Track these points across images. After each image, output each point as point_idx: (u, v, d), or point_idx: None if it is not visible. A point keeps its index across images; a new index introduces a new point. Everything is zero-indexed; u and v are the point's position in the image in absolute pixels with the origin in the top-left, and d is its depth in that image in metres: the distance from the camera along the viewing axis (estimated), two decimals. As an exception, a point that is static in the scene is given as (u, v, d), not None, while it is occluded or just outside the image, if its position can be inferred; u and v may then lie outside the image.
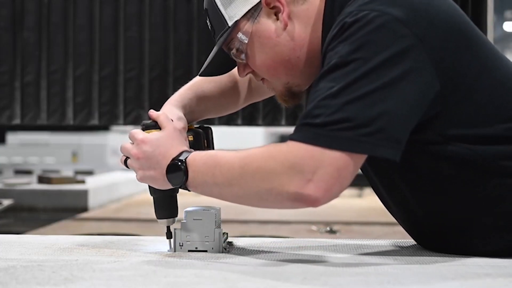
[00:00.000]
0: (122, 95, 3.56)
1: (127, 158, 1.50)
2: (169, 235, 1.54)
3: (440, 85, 1.32)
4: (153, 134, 1.48)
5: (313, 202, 1.29)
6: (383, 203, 1.60)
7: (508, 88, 1.39)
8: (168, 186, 1.45)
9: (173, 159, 1.42)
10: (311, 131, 1.28)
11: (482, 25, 3.35)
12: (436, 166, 1.39)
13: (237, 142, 5.27)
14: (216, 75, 1.63)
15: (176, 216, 1.55)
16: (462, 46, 1.36)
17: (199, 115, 1.61)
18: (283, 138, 10.35)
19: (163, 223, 1.55)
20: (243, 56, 1.48)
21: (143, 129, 1.50)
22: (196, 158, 1.41)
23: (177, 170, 1.41)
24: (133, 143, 1.48)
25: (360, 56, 1.28)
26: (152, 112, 1.53)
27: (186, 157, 1.41)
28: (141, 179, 1.48)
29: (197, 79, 1.70)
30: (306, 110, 1.32)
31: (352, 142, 1.26)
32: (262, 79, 1.53)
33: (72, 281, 1.20)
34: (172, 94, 1.73)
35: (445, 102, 1.34)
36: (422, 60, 1.30)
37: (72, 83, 3.56)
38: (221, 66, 1.56)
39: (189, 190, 1.46)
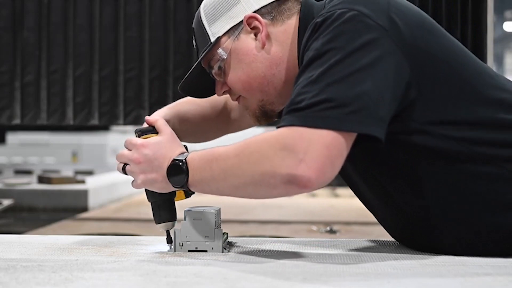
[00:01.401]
0: (122, 95, 3.55)
1: (125, 165, 1.51)
2: (169, 239, 1.54)
3: (412, 70, 1.38)
4: (152, 138, 1.49)
5: (305, 183, 1.30)
6: (364, 204, 1.62)
7: (478, 74, 1.45)
8: (169, 188, 1.47)
9: (173, 160, 1.44)
10: (297, 115, 1.32)
11: (482, 25, 3.35)
12: (413, 157, 1.42)
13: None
14: (195, 96, 1.68)
15: (175, 220, 1.55)
16: (428, 34, 1.43)
17: (179, 134, 1.63)
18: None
19: (162, 227, 1.55)
20: (221, 73, 1.55)
21: (139, 135, 1.52)
22: (194, 156, 1.43)
23: (178, 170, 1.43)
24: (130, 150, 1.49)
25: (334, 46, 1.35)
26: (149, 118, 1.56)
27: (186, 157, 1.43)
28: (142, 183, 1.49)
29: (179, 101, 1.76)
30: (289, 100, 1.37)
31: (337, 121, 1.30)
32: (238, 97, 1.58)
33: (72, 281, 1.20)
34: (172, 94, 1.75)
35: (418, 88, 1.39)
36: (391, 47, 1.36)
37: (72, 83, 3.56)
38: (202, 88, 1.62)
39: (189, 193, 1.48)
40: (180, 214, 1.54)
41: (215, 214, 1.51)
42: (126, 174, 1.52)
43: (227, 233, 1.57)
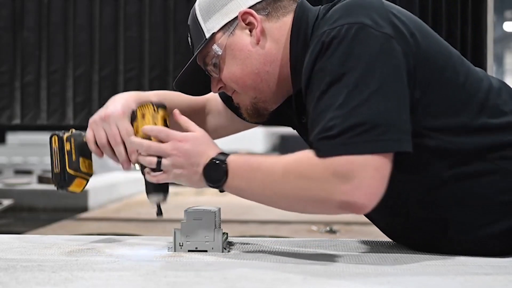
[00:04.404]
0: (122, 95, 3.55)
1: (158, 160, 1.47)
2: (159, 212, 1.54)
3: (415, 73, 1.39)
4: (190, 133, 1.47)
5: (360, 208, 1.33)
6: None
7: (474, 80, 1.46)
8: (200, 185, 1.47)
9: (212, 159, 1.43)
10: (334, 142, 1.32)
11: (482, 25, 3.35)
12: (414, 158, 1.41)
13: (237, 142, 5.28)
14: (190, 94, 1.68)
15: (167, 193, 1.54)
16: (425, 37, 1.44)
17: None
18: (283, 138, 10.35)
19: (153, 200, 1.54)
20: (216, 70, 1.55)
21: (133, 118, 1.55)
22: (236, 159, 1.43)
23: (217, 169, 1.43)
24: (161, 142, 1.47)
25: (349, 67, 1.35)
26: (179, 116, 1.52)
27: (226, 158, 1.43)
28: (173, 177, 1.47)
29: (155, 92, 1.75)
30: (318, 128, 1.35)
31: (379, 143, 1.31)
32: (232, 93, 1.58)
33: (72, 281, 1.20)
34: (172, 93, 1.75)
35: (420, 90, 1.40)
36: (399, 54, 1.37)
37: (72, 83, 3.56)
38: (197, 85, 1.62)
39: (221, 191, 1.47)
40: (180, 214, 1.54)
41: (215, 214, 1.51)
42: (156, 169, 1.47)
43: (227, 233, 1.57)
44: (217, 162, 1.42)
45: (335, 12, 1.42)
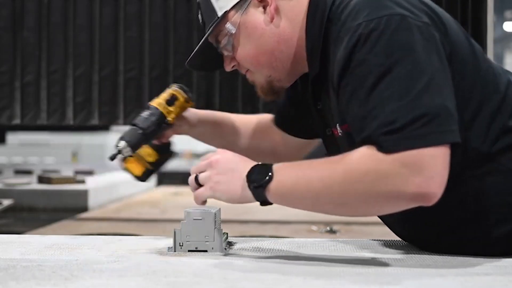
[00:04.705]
0: (122, 95, 3.55)
1: (196, 177, 1.46)
2: (113, 157, 1.59)
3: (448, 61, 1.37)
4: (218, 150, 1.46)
5: (432, 198, 1.29)
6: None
7: (493, 80, 1.44)
8: (240, 194, 1.40)
9: (256, 164, 1.39)
10: (400, 136, 1.28)
11: (482, 25, 3.35)
12: None
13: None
14: (203, 70, 1.71)
15: (135, 150, 1.58)
16: (452, 29, 1.41)
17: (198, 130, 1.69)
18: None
19: (121, 145, 1.55)
20: (230, 48, 1.54)
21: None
22: (281, 165, 1.38)
23: (262, 168, 1.38)
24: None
25: (397, 58, 1.31)
26: None
27: (272, 165, 1.38)
28: (211, 189, 1.43)
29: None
30: (376, 122, 1.30)
31: (440, 134, 1.28)
32: (246, 71, 1.57)
33: (72, 281, 1.20)
34: (172, 94, 1.76)
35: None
36: (438, 42, 1.36)
37: (72, 83, 3.56)
38: (210, 63, 1.62)
39: (263, 202, 1.40)
40: (180, 215, 1.54)
41: (215, 214, 1.51)
42: (196, 184, 1.46)
43: (227, 233, 1.57)
44: (261, 164, 1.39)
45: (363, 4, 1.37)
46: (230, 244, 1.60)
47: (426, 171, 1.27)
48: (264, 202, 1.39)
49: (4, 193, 3.96)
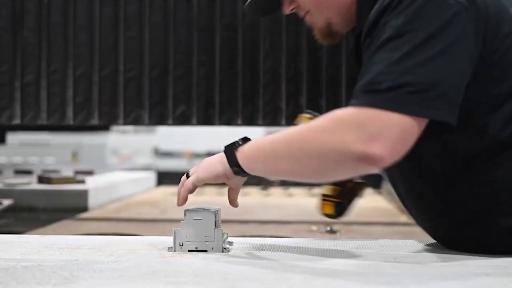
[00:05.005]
0: (122, 95, 3.56)
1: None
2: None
3: (479, 53, 1.37)
4: None
5: (377, 161, 1.29)
6: (401, 202, 1.63)
7: None
8: (218, 170, 1.50)
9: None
10: (377, 96, 1.31)
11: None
12: (453, 146, 1.41)
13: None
14: (262, 13, 1.72)
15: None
16: (493, 2, 1.41)
17: None
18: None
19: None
20: None
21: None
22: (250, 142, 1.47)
23: (231, 144, 1.48)
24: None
25: (415, 27, 1.34)
26: None
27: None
28: (196, 177, 1.53)
29: None
30: (365, 79, 1.34)
31: (417, 107, 1.30)
32: (306, 13, 1.61)
33: (72, 281, 1.20)
34: (172, 94, 1.76)
35: (480, 67, 1.38)
36: (468, 27, 1.35)
37: (72, 83, 3.56)
38: (268, 5, 1.66)
39: (238, 168, 1.47)
40: (180, 215, 1.54)
41: (215, 214, 1.51)
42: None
43: (227, 233, 1.57)
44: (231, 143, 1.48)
45: None
46: (230, 244, 1.60)
47: (376, 133, 1.29)
48: (237, 166, 1.47)
49: (4, 193, 3.96)
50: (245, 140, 1.48)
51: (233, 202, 1.59)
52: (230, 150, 1.48)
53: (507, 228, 1.43)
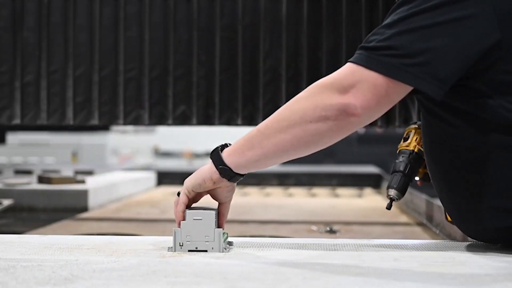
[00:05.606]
0: (122, 95, 3.56)
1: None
2: (389, 207, 1.71)
3: (501, 36, 1.36)
4: None
5: (352, 110, 1.34)
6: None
7: None
8: (205, 173, 1.51)
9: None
10: (362, 54, 1.37)
11: None
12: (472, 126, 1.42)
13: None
14: None
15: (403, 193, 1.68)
16: None
17: None
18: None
19: (392, 193, 1.69)
20: None
21: None
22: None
23: (217, 147, 1.51)
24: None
25: (429, 5, 1.35)
26: None
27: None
28: (186, 188, 1.54)
29: None
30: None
31: (394, 68, 1.34)
32: None
33: (72, 281, 1.20)
34: (172, 94, 1.76)
35: (500, 55, 1.37)
36: (485, 8, 1.35)
37: (72, 83, 3.56)
38: None
39: (223, 166, 1.49)
40: (180, 214, 1.54)
41: (215, 214, 1.51)
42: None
43: (227, 233, 1.57)
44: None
45: None
46: (230, 244, 1.60)
47: (349, 85, 1.35)
48: (222, 165, 1.49)
49: (4, 193, 3.96)
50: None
51: (221, 225, 1.57)
52: (215, 151, 1.50)
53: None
